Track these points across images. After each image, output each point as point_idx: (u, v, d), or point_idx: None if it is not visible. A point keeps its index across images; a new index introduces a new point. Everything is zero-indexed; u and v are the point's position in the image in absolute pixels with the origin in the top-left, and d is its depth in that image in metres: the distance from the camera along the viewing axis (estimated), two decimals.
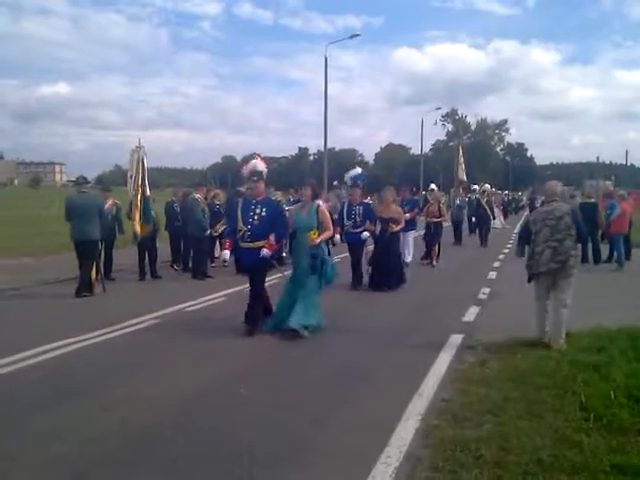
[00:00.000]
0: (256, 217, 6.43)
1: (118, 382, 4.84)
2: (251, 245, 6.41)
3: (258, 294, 6.63)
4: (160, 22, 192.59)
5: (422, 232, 13.83)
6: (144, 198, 10.25)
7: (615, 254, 12.55)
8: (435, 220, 13.15)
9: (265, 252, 6.34)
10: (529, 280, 6.17)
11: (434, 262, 12.89)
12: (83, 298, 8.53)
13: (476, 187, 21.82)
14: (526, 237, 6.29)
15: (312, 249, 6.50)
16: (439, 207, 13.26)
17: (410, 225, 12.33)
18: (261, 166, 6.72)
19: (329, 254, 6.76)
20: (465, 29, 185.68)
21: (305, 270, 6.53)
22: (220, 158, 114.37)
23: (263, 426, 3.95)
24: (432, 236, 13.15)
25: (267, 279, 6.95)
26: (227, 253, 6.79)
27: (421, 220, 13.97)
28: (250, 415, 4.16)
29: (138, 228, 10.19)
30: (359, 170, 10.65)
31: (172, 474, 3.30)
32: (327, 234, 6.72)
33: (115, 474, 3.26)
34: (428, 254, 13.19)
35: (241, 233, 6.45)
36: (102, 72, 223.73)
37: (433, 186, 17.33)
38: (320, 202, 6.95)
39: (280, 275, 7.35)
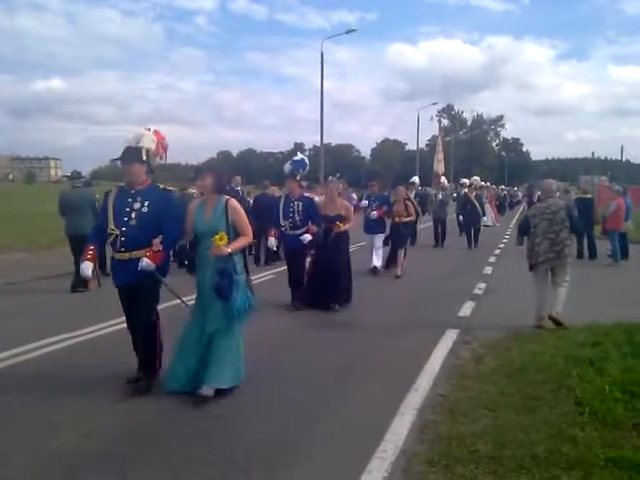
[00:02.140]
0: (134, 215, 4.42)
1: (114, 378, 4.81)
2: (126, 256, 4.40)
3: (146, 329, 4.54)
4: (154, 17, 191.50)
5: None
6: None
7: (611, 248, 12.60)
8: (403, 220, 10.64)
9: (146, 263, 4.27)
10: (531, 269, 6.70)
11: (399, 271, 10.51)
12: (78, 293, 8.51)
13: (465, 181, 19.33)
14: (525, 229, 6.82)
15: (218, 263, 4.39)
16: (405, 205, 10.74)
17: (379, 226, 10.74)
18: (147, 141, 4.65)
19: (247, 272, 4.67)
20: (459, 25, 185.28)
21: (212, 295, 4.40)
22: (215, 153, 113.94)
23: (259, 422, 3.95)
24: (397, 239, 10.70)
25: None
26: (87, 266, 4.54)
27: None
28: (246, 411, 4.16)
29: None
30: (299, 156, 8.33)
31: (169, 470, 3.29)
32: (243, 241, 4.58)
33: (111, 471, 3.24)
34: (391, 260, 11.03)
35: (112, 238, 4.47)
36: (97, 67, 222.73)
37: (415, 179, 15.96)
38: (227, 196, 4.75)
39: (179, 302, 4.88)
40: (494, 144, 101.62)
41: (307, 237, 7.48)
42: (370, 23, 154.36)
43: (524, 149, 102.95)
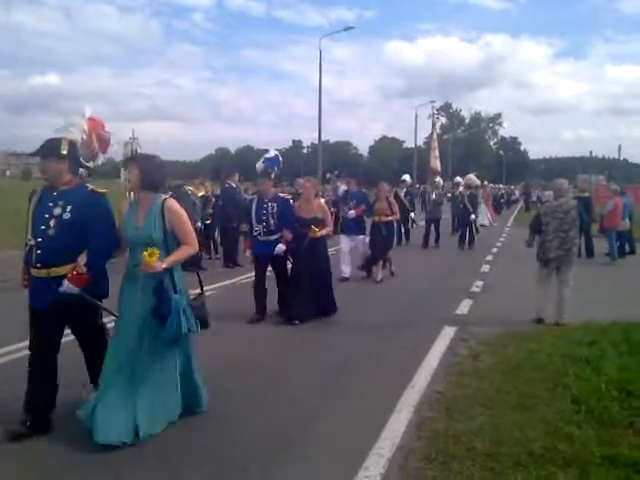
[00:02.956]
0: (52, 222, 3.59)
1: None
2: (43, 273, 3.59)
3: (95, 349, 3.88)
4: (151, 13, 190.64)
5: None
6: None
7: (609, 247, 12.65)
8: (385, 219, 9.68)
9: (66, 287, 3.49)
10: (545, 265, 6.83)
11: (378, 276, 9.61)
12: None
13: (460, 180, 18.14)
14: (537, 228, 6.95)
15: (151, 280, 3.58)
16: (389, 203, 9.83)
17: (359, 227, 9.81)
18: (74, 132, 3.82)
19: (201, 288, 4.09)
20: (457, 23, 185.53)
21: (142, 320, 3.60)
22: (214, 150, 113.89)
23: (257, 421, 3.95)
24: (381, 240, 9.66)
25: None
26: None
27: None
28: (244, 409, 4.15)
29: None
30: (272, 153, 7.64)
31: (167, 467, 3.30)
32: (183, 252, 3.69)
33: (109, 469, 3.24)
34: (370, 263, 9.74)
35: (27, 249, 3.67)
36: (93, 63, 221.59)
37: (406, 177, 15.32)
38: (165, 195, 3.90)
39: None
40: (492, 143, 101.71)
41: (281, 247, 6.65)
42: (368, 20, 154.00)
43: (522, 148, 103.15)
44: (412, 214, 14.86)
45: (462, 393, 4.35)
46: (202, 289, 4.09)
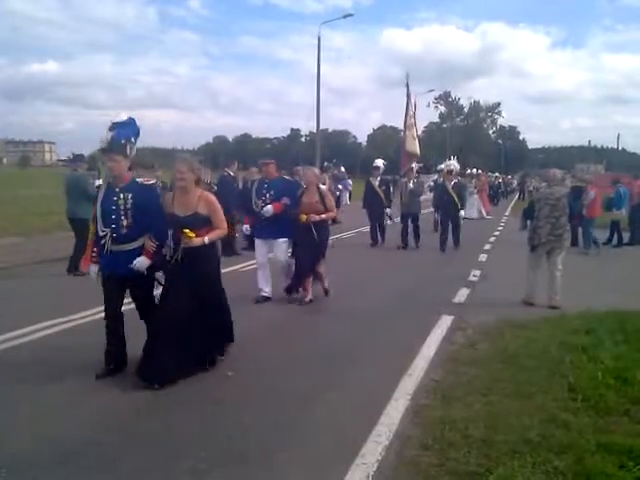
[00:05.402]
0: None
1: None
2: None
3: None
4: (148, 0, 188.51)
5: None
6: None
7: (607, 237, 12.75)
8: (316, 219, 6.85)
9: None
10: (532, 250, 7.19)
11: (308, 295, 7.05)
12: (75, 277, 8.49)
13: (442, 167, 15.98)
14: (529, 214, 7.39)
15: None
16: (321, 195, 7.05)
17: (279, 228, 6.94)
18: None
19: None
20: (454, 11, 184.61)
21: None
22: (211, 138, 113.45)
23: (252, 408, 3.96)
24: (312, 248, 6.93)
25: None
26: None
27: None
28: (239, 398, 4.17)
29: None
30: (125, 116, 4.69)
31: (165, 452, 3.30)
32: None
33: (104, 456, 3.25)
34: (299, 281, 7.04)
35: None
36: (90, 51, 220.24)
37: (378, 162, 12.81)
38: None
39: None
40: (491, 132, 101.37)
41: (141, 262, 4.41)
42: (366, 8, 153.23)
43: (521, 137, 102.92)
44: (388, 210, 12.56)
45: (459, 381, 4.37)
46: None
